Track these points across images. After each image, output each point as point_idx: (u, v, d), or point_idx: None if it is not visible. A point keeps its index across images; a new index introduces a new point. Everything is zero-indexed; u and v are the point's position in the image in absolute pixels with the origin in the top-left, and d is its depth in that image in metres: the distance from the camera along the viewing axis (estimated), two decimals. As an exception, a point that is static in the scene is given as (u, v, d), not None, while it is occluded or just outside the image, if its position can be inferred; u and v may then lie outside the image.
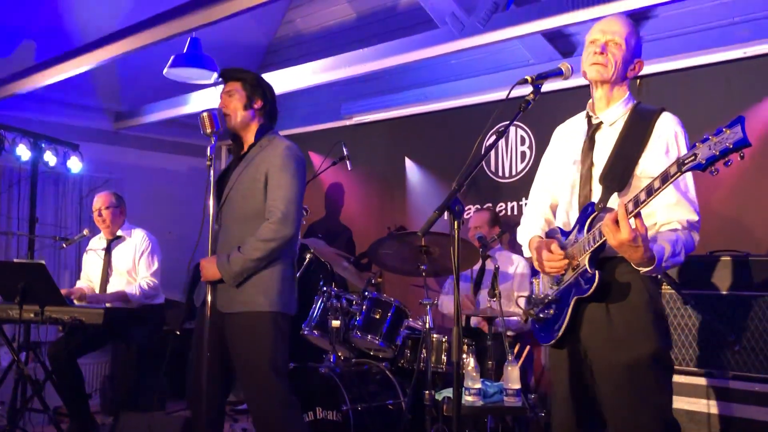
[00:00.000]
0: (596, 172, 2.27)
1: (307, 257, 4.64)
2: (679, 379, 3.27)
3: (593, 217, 2.18)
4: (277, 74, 5.30)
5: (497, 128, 4.46)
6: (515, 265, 4.53)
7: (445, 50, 4.41)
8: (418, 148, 5.77)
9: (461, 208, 2.08)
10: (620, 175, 2.20)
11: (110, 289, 4.64)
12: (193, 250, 3.01)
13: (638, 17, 4.44)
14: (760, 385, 3.17)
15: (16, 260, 5.19)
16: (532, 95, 2.24)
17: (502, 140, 5.18)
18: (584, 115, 2.42)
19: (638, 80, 4.22)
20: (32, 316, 3.93)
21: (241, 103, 3.06)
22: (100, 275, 4.71)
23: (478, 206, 5.22)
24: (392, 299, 4.07)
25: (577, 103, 2.45)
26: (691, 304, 3.37)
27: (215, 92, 5.52)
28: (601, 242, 2.08)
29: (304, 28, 6.49)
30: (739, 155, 1.76)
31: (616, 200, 2.16)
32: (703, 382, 3.31)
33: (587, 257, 2.15)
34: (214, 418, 2.99)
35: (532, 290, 2.47)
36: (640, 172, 2.19)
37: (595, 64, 2.27)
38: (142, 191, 6.12)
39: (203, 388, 2.79)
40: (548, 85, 2.35)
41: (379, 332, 3.97)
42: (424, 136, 5.72)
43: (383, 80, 5.79)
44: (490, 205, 5.20)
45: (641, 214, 2.01)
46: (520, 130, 5.16)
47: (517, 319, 4.31)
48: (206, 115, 2.92)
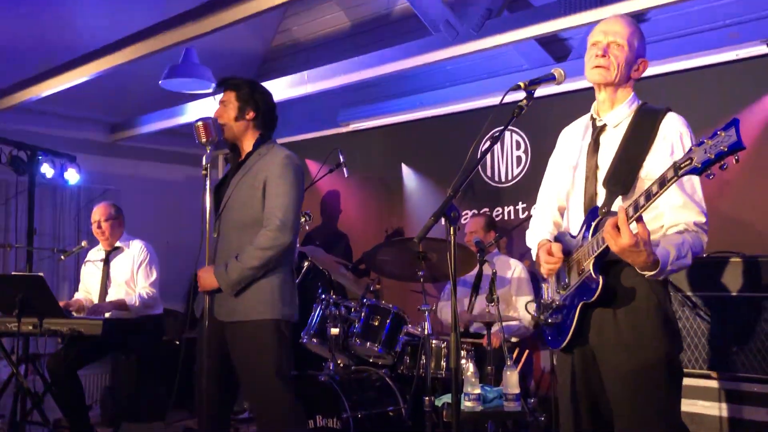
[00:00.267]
0: (601, 175, 2.25)
1: (305, 265, 4.64)
2: (689, 381, 3.23)
3: (598, 221, 2.16)
4: (273, 83, 5.31)
5: (492, 133, 4.53)
6: (513, 269, 4.53)
7: (439, 57, 4.43)
8: (414, 154, 5.79)
9: (457, 213, 2.08)
10: (624, 178, 2.17)
11: (109, 300, 4.64)
12: (195, 259, 3.01)
13: (631, 21, 4.46)
14: (771, 387, 3.13)
15: (14, 273, 5.19)
16: (525, 101, 2.24)
17: (497, 145, 5.20)
18: (589, 116, 2.39)
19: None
20: (31, 328, 3.92)
21: (233, 113, 3.08)
22: (98, 286, 4.70)
23: (474, 211, 5.23)
24: (391, 306, 4.07)
25: (571, 106, 2.46)
26: (690, 306, 3.37)
27: (211, 102, 5.54)
28: (604, 247, 2.06)
29: (299, 36, 6.52)
30: (734, 158, 1.73)
31: (620, 204, 2.12)
32: (713, 384, 3.28)
33: (591, 262, 2.13)
34: (219, 427, 2.99)
35: (541, 295, 2.44)
36: (644, 174, 2.15)
37: (596, 67, 2.24)
38: (139, 202, 6.12)
39: (206, 397, 2.81)
40: (542, 89, 2.36)
41: (378, 339, 3.97)
42: (420, 142, 5.74)
43: (379, 87, 5.81)
44: (486, 210, 5.22)
45: (645, 217, 1.98)
46: (515, 134, 5.18)
47: (516, 323, 4.32)
48: (201, 124, 2.93)
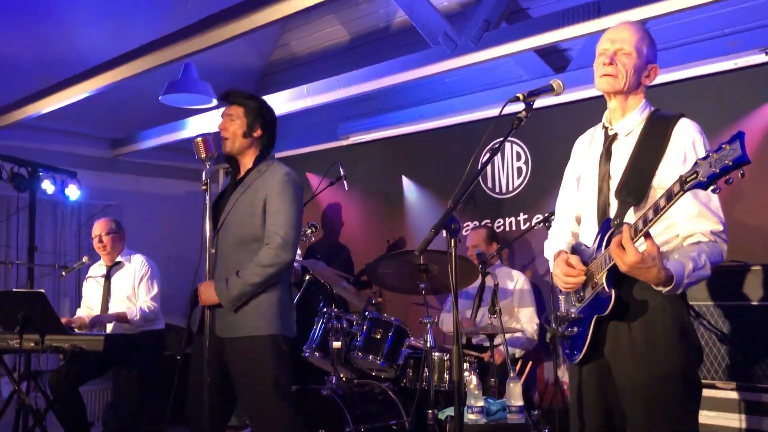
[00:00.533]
0: (613, 185, 2.21)
1: (306, 279, 4.64)
2: (708, 393, 3.19)
3: (611, 233, 2.12)
4: (272, 97, 5.33)
5: (492, 145, 4.53)
6: (515, 280, 4.53)
7: (438, 69, 4.45)
8: (414, 166, 5.79)
9: (458, 225, 2.07)
10: (636, 188, 2.13)
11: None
12: (193, 274, 3.00)
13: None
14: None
15: (15, 290, 5.18)
16: (525, 112, 2.23)
17: (498, 156, 5.20)
18: (601, 125, 2.36)
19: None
20: (33, 345, 3.91)
21: (241, 129, 3.06)
22: (100, 302, 4.70)
23: (476, 223, 5.23)
24: (393, 319, 4.06)
25: (571, 117, 2.45)
26: (708, 316, 3.32)
27: (211, 117, 5.55)
28: (613, 263, 2.03)
29: (298, 50, 6.54)
30: (739, 173, 1.71)
31: (632, 215, 2.11)
32: (733, 395, 3.23)
33: (604, 275, 2.10)
34: None
35: (558, 307, 2.42)
36: (657, 183, 2.11)
37: (604, 75, 2.22)
38: (140, 217, 6.13)
39: (204, 414, 2.79)
40: (542, 100, 2.35)
41: (380, 352, 3.95)
42: (420, 154, 5.74)
43: (378, 100, 5.83)
44: (487, 221, 5.21)
45: (658, 227, 1.95)
46: (515, 145, 5.19)
47: (519, 335, 4.30)
48: (200, 140, 2.93)
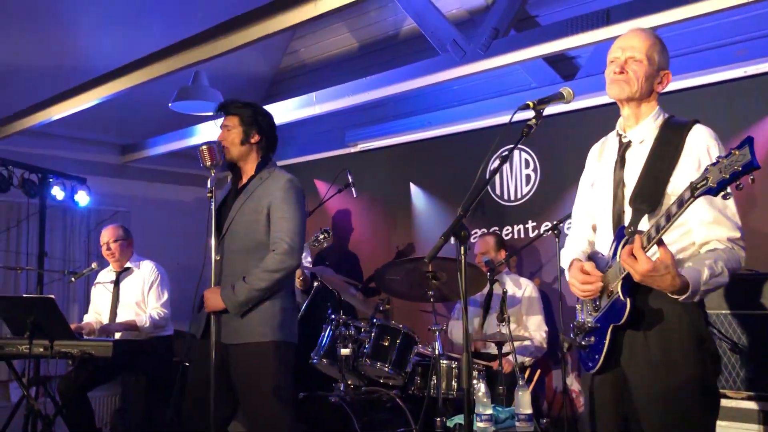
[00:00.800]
0: (627, 192, 2.20)
1: (314, 285, 4.64)
2: (727, 403, 3.15)
3: (625, 241, 2.11)
4: (281, 104, 5.36)
5: (501, 152, 4.53)
6: (523, 288, 4.52)
7: (446, 77, 4.45)
8: (422, 173, 5.80)
9: (467, 233, 2.07)
10: (650, 195, 2.12)
11: (119, 321, 4.65)
12: (197, 281, 3.05)
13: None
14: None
15: (25, 295, 5.20)
16: (534, 120, 2.23)
17: (506, 164, 5.20)
18: (615, 132, 2.35)
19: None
20: (42, 350, 3.92)
21: (238, 137, 3.13)
22: (109, 308, 4.72)
23: (484, 230, 5.22)
24: (401, 326, 4.05)
25: (580, 125, 2.45)
26: (726, 325, 3.29)
27: (221, 124, 5.57)
28: (627, 272, 2.02)
29: (307, 58, 6.57)
30: (749, 178, 1.70)
31: (647, 223, 2.09)
32: (752, 406, 3.17)
33: (619, 284, 2.09)
34: None
35: (575, 317, 2.40)
36: (671, 190, 2.09)
37: (615, 83, 2.22)
38: (149, 223, 6.15)
39: (210, 419, 2.83)
40: (551, 108, 2.35)
41: (388, 359, 3.95)
42: (428, 161, 5.75)
43: (386, 108, 5.84)
44: (496, 228, 5.21)
45: (673, 235, 1.94)
46: (524, 153, 5.18)
47: (528, 343, 4.29)
48: (205, 148, 3.02)
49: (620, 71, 2.20)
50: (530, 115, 2.26)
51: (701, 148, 2.10)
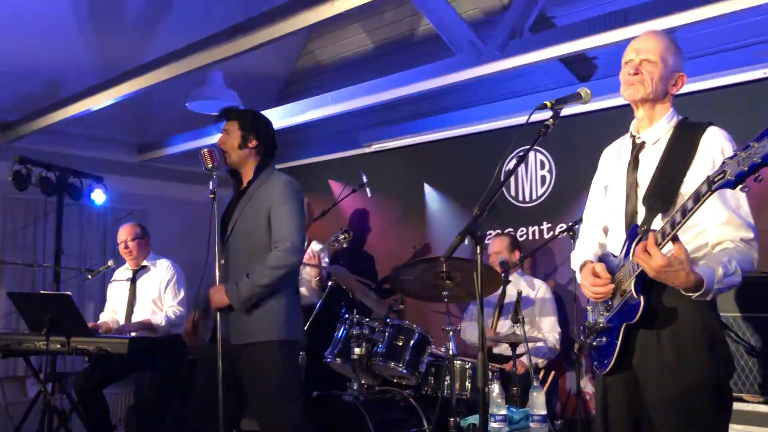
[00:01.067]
0: (641, 192, 2.21)
1: (328, 285, 4.65)
2: (739, 406, 3.11)
3: (638, 239, 2.11)
4: (297, 104, 5.36)
5: (517, 153, 4.51)
6: (537, 289, 4.50)
7: (462, 77, 4.44)
8: (436, 174, 5.79)
9: (483, 233, 2.08)
10: (664, 195, 2.13)
11: (135, 319, 4.69)
12: (204, 281, 3.18)
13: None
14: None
15: (42, 292, 5.25)
16: (551, 120, 2.23)
17: (521, 165, 5.17)
18: (629, 134, 2.36)
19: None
20: (59, 347, 3.96)
21: (237, 141, 3.24)
22: (125, 305, 4.75)
23: (498, 231, 5.20)
24: (415, 326, 4.05)
25: (596, 126, 2.44)
26: (739, 328, 3.26)
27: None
28: (641, 269, 2.01)
29: (323, 59, 6.58)
30: (758, 177, 1.70)
31: (660, 222, 2.10)
32: (765, 409, 3.14)
33: (633, 282, 2.09)
34: None
35: (586, 318, 2.39)
36: (685, 190, 2.09)
37: (629, 85, 2.23)
38: (165, 222, 6.18)
39: (218, 418, 2.90)
40: (567, 109, 2.35)
41: (402, 359, 3.95)
42: (442, 162, 5.74)
43: (401, 108, 5.83)
44: (510, 230, 5.19)
45: (687, 234, 1.93)
46: (539, 154, 5.16)
47: (542, 345, 4.27)
48: (206, 151, 3.16)
49: (635, 73, 2.22)
50: (547, 115, 2.26)
51: (716, 149, 2.11)
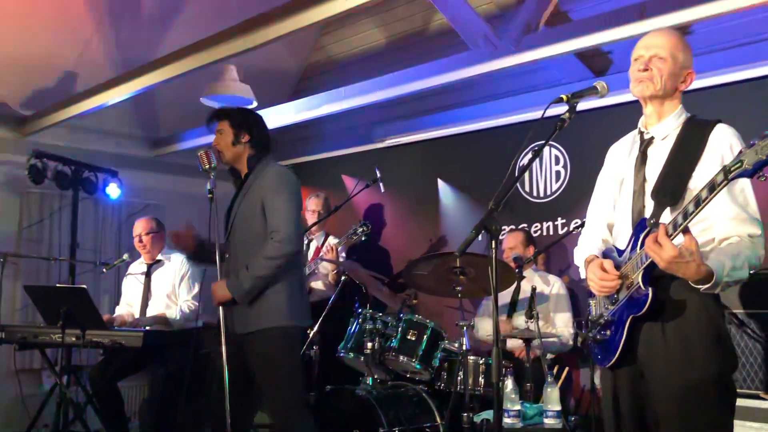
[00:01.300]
0: (649, 187, 2.22)
1: (342, 280, 4.65)
2: (742, 402, 3.10)
3: (646, 232, 2.12)
4: (310, 99, 5.36)
5: (532, 147, 4.49)
6: (551, 285, 4.49)
7: (476, 72, 4.41)
8: (450, 169, 5.78)
9: (498, 227, 2.07)
10: (672, 189, 2.14)
11: (150, 312, 4.71)
12: (210, 277, 3.24)
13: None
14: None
15: (58, 285, 5.30)
16: (568, 114, 2.23)
17: (536, 160, 5.15)
18: (637, 131, 2.37)
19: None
20: (74, 339, 4.00)
21: (229, 139, 3.33)
22: (140, 299, 4.78)
23: (512, 227, 5.18)
24: (428, 321, 4.05)
25: (611, 121, 2.42)
26: (744, 324, 3.25)
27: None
28: (650, 260, 2.02)
29: (336, 53, 6.57)
30: (761, 177, 1.71)
31: (668, 215, 2.10)
32: None
33: (640, 274, 2.09)
34: None
35: (589, 312, 2.40)
36: (693, 185, 2.10)
37: (639, 81, 2.24)
38: (179, 216, 6.18)
39: (229, 407, 2.99)
40: (582, 103, 2.34)
41: (415, 354, 3.95)
42: (456, 157, 5.72)
43: (415, 103, 5.81)
44: (524, 225, 5.17)
45: (694, 229, 1.94)
46: (554, 149, 5.14)
47: (555, 340, 4.26)
48: (203, 152, 3.24)
49: (644, 69, 2.22)
50: (561, 110, 2.25)
51: (724, 145, 2.12)
